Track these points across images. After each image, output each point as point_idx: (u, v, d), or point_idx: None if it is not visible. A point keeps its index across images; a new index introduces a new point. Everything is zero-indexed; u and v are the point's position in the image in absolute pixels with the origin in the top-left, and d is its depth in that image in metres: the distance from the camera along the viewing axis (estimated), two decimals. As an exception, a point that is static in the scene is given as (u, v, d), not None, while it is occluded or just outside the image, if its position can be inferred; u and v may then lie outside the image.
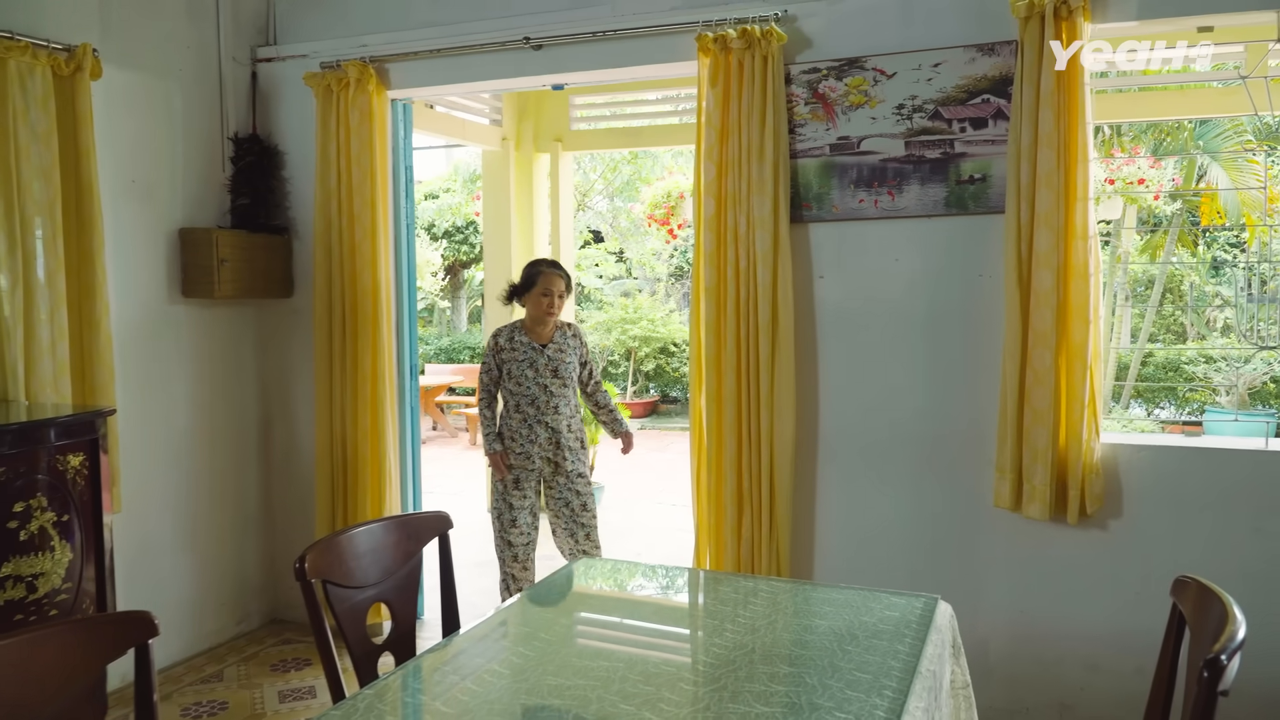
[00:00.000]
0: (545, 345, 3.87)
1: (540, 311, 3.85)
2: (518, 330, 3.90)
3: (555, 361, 3.86)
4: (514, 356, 3.84)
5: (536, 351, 3.85)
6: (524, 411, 3.83)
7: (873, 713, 1.62)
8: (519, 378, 3.82)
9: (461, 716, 1.66)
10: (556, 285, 3.85)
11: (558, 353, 3.88)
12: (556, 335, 3.92)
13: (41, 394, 3.30)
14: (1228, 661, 1.46)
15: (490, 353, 3.89)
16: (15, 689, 1.46)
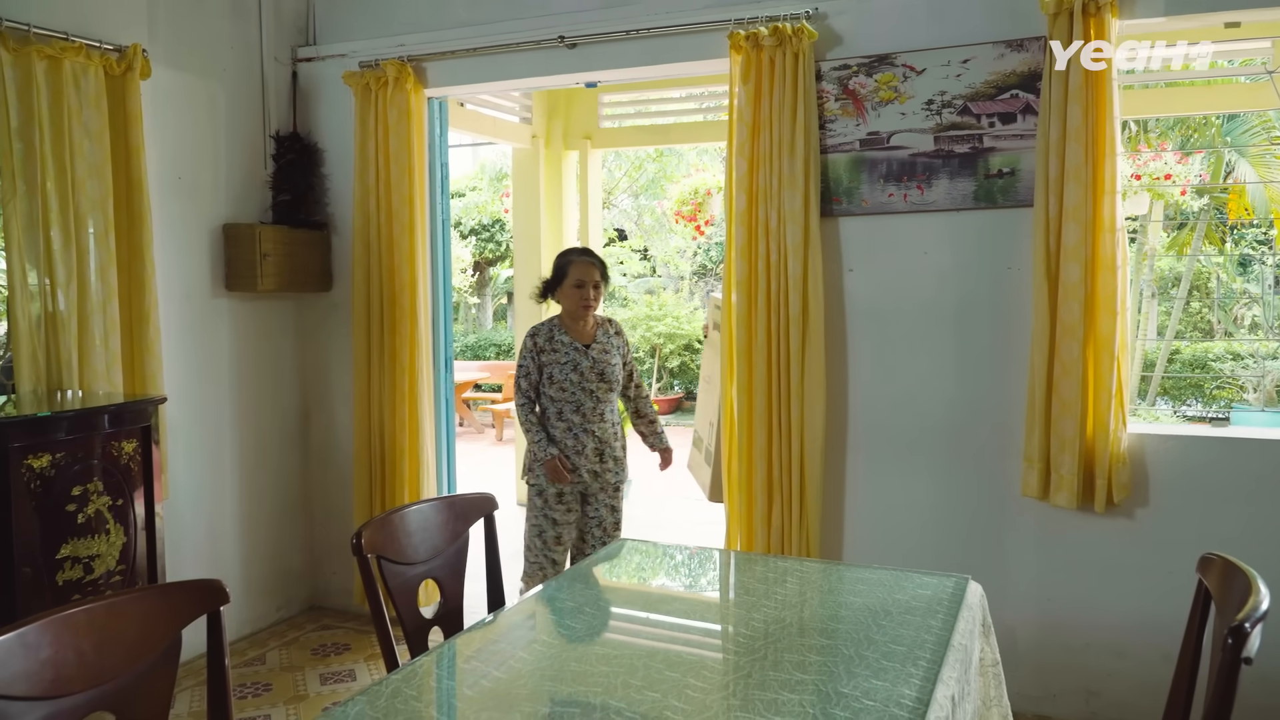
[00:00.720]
0: (589, 345, 3.53)
1: (576, 305, 3.52)
2: (557, 328, 3.54)
3: (600, 363, 3.51)
4: (555, 359, 3.49)
5: (580, 352, 3.50)
6: (568, 419, 3.49)
7: (909, 680, 1.69)
8: (562, 382, 3.48)
9: (496, 694, 1.74)
10: (591, 274, 3.51)
11: (602, 353, 3.54)
12: (599, 333, 3.58)
13: (94, 384, 3.41)
14: (1251, 629, 1.52)
15: (528, 354, 3.53)
16: (99, 652, 1.55)
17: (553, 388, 3.50)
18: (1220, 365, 10.19)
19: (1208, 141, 9.04)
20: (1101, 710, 3.38)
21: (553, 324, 3.57)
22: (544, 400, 3.54)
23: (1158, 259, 10.66)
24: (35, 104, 3.26)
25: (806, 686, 1.67)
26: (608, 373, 3.53)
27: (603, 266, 3.61)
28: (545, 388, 3.52)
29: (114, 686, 1.56)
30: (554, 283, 3.60)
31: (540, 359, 3.52)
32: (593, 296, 3.53)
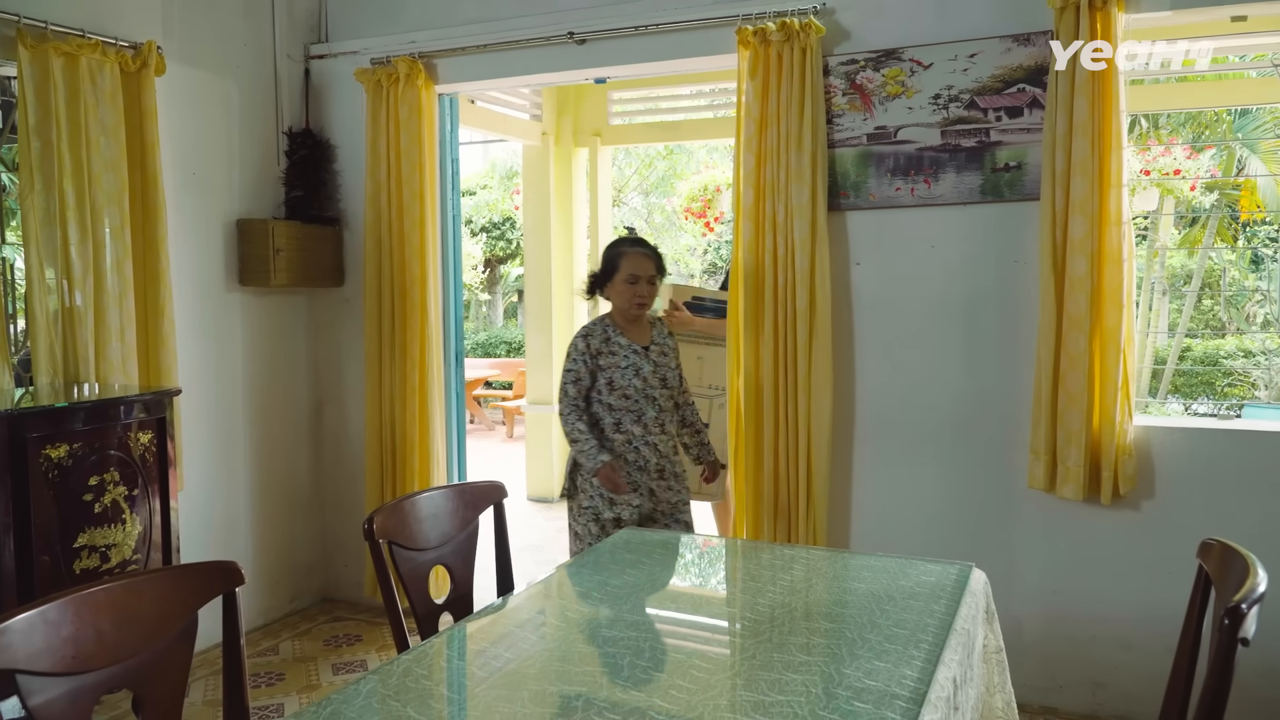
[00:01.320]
0: (647, 347, 3.22)
1: (628, 303, 3.19)
2: (611, 328, 3.21)
3: (662, 367, 3.22)
4: (614, 362, 3.16)
5: (640, 355, 3.19)
6: (628, 431, 3.16)
7: (910, 662, 1.72)
8: (624, 388, 3.15)
9: (506, 674, 1.77)
10: (645, 268, 3.18)
11: (661, 356, 3.25)
12: (654, 334, 3.29)
13: (110, 377, 3.46)
14: (1248, 610, 1.54)
15: (580, 356, 3.17)
16: (117, 630, 1.59)
17: (612, 395, 3.16)
18: (1231, 363, 10.16)
19: (1218, 137, 9.01)
20: (1107, 701, 3.40)
21: (605, 323, 3.24)
22: (597, 409, 3.19)
23: (1169, 256, 10.64)
24: (52, 100, 3.31)
25: (810, 668, 1.70)
26: (670, 378, 3.24)
27: (658, 259, 3.26)
28: (602, 395, 3.17)
29: (133, 665, 1.60)
30: (603, 277, 3.27)
31: (596, 362, 3.16)
32: (647, 293, 3.20)
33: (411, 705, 1.58)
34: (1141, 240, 10.16)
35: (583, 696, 1.62)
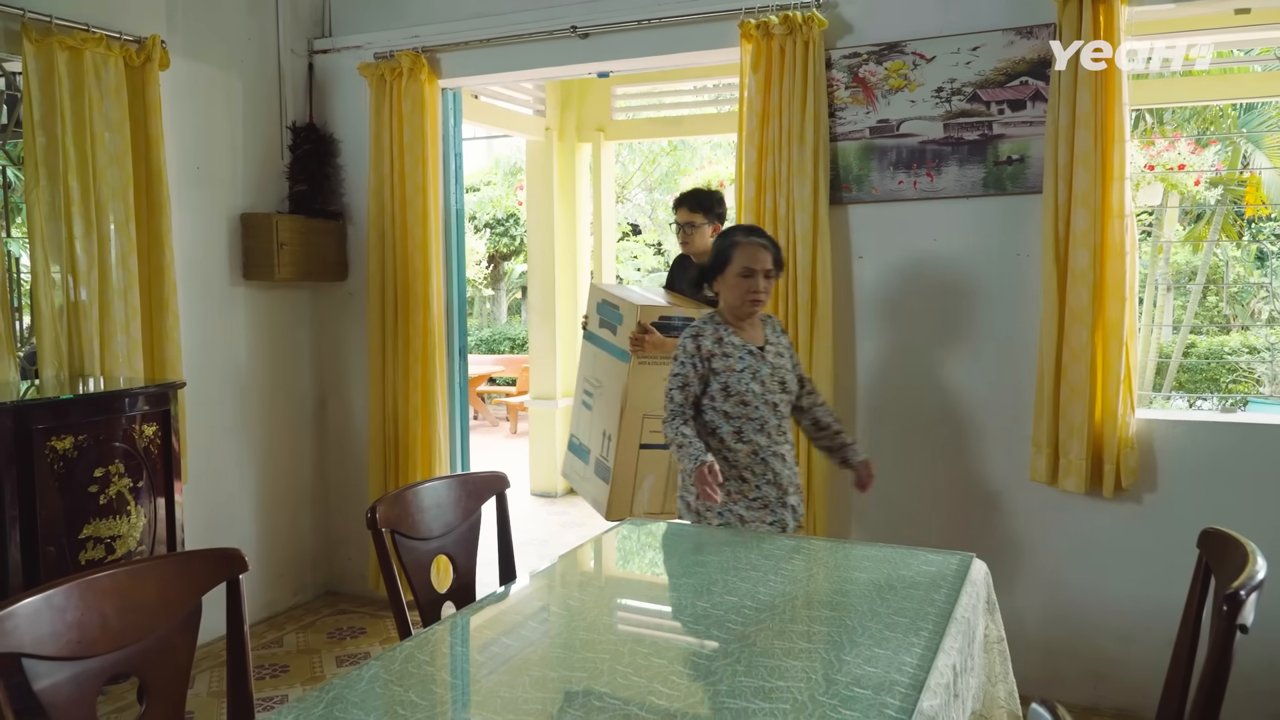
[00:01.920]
0: (763, 348, 2.92)
1: (741, 300, 2.86)
2: (723, 327, 2.91)
3: (779, 370, 2.91)
4: (729, 365, 2.84)
5: (756, 357, 2.88)
6: (752, 441, 2.84)
7: (910, 649, 1.72)
8: (743, 394, 2.82)
9: (507, 660, 1.79)
10: (761, 260, 2.84)
11: (777, 357, 2.94)
12: (768, 333, 2.98)
13: (116, 369, 3.48)
14: (1246, 596, 1.55)
15: (690, 359, 2.85)
16: (122, 615, 1.61)
17: (729, 402, 2.83)
18: (1235, 359, 10.15)
19: (1223, 133, 9.00)
20: (1109, 695, 3.40)
21: (716, 321, 2.93)
22: (712, 418, 2.86)
23: (1174, 252, 10.62)
24: (57, 95, 3.33)
25: (810, 655, 1.70)
26: (789, 381, 2.94)
27: (776, 250, 2.91)
28: (716, 401, 2.85)
29: (137, 650, 1.61)
30: (713, 270, 2.96)
31: (709, 365, 2.84)
32: (763, 289, 2.87)
33: (414, 690, 1.59)
34: (1146, 236, 10.15)
35: (583, 683, 1.63)
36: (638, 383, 3.75)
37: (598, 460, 3.99)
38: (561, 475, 5.06)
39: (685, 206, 3.94)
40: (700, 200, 3.94)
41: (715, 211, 3.93)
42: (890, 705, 1.51)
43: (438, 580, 2.43)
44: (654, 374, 3.74)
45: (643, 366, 3.75)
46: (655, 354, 3.74)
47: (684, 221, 3.94)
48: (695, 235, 3.91)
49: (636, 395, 3.75)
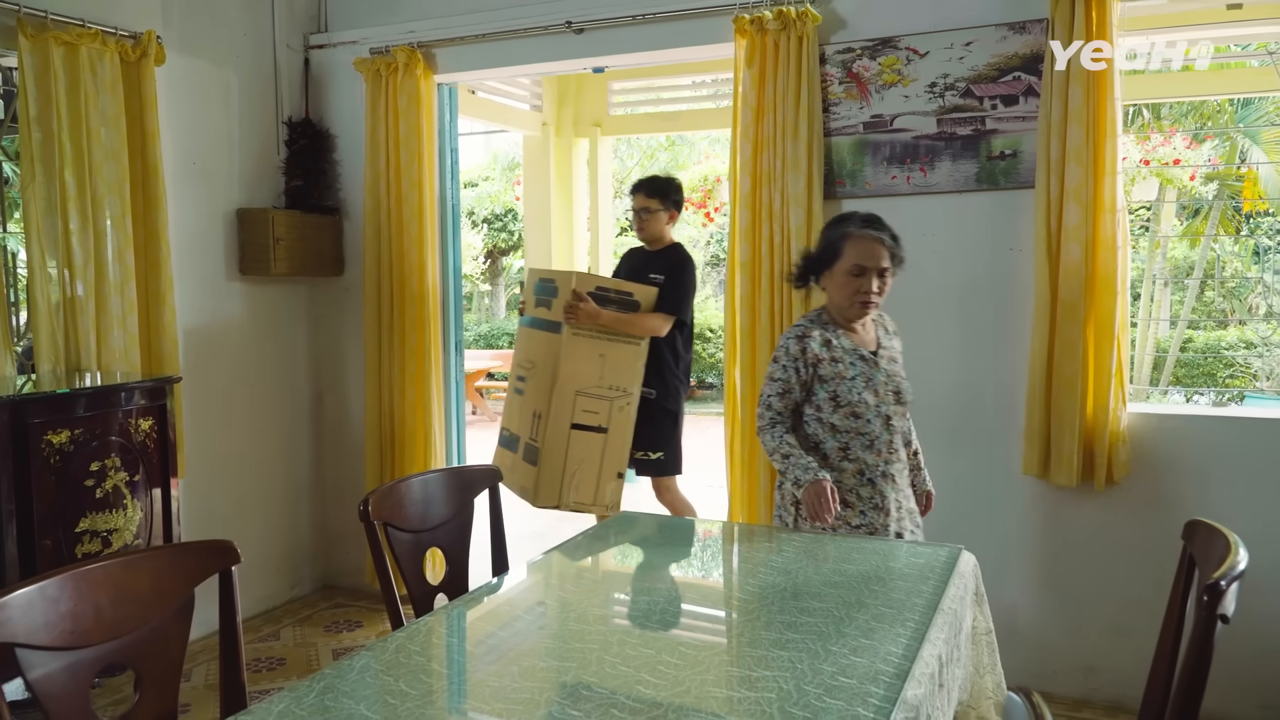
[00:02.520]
0: (875, 353, 2.61)
1: (850, 301, 2.54)
2: (831, 329, 2.59)
3: (894, 378, 2.61)
4: (838, 371, 2.53)
5: (868, 363, 2.57)
6: (860, 460, 2.54)
7: (896, 639, 1.74)
8: (854, 405, 2.51)
9: (498, 651, 1.80)
10: (876, 256, 2.50)
11: (891, 363, 2.64)
12: (880, 335, 2.68)
13: (112, 364, 3.49)
14: (1227, 587, 1.56)
15: (792, 363, 2.54)
16: (115, 606, 1.62)
17: (838, 414, 2.51)
18: (1232, 354, 10.17)
19: (1219, 128, 9.00)
20: (1100, 687, 3.42)
21: (825, 321, 2.61)
22: (815, 430, 2.56)
23: (1170, 247, 10.63)
24: (53, 90, 3.34)
25: (797, 645, 1.72)
26: (904, 391, 2.62)
27: (894, 244, 2.56)
28: (823, 412, 2.54)
29: (130, 640, 1.63)
30: (819, 262, 2.62)
31: (814, 371, 2.52)
32: (876, 289, 2.52)
33: (404, 680, 1.60)
34: (1144, 231, 10.16)
35: (572, 673, 1.65)
36: (571, 354, 3.70)
37: (526, 444, 3.88)
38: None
39: (641, 192, 3.96)
40: (657, 186, 3.96)
41: (672, 198, 3.95)
42: (874, 694, 1.53)
43: (431, 572, 2.44)
44: (587, 348, 3.74)
45: (576, 338, 3.71)
46: (589, 325, 3.69)
47: (639, 207, 3.95)
48: (650, 221, 3.94)
49: (570, 368, 3.70)
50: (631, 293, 3.83)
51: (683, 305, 3.88)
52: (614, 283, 3.86)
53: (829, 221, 2.72)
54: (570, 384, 3.71)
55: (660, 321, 3.82)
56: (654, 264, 3.96)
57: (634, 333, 3.78)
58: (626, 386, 3.83)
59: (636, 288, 3.84)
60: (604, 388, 3.80)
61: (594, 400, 3.76)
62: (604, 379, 3.80)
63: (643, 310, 3.82)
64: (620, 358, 3.80)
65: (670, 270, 3.90)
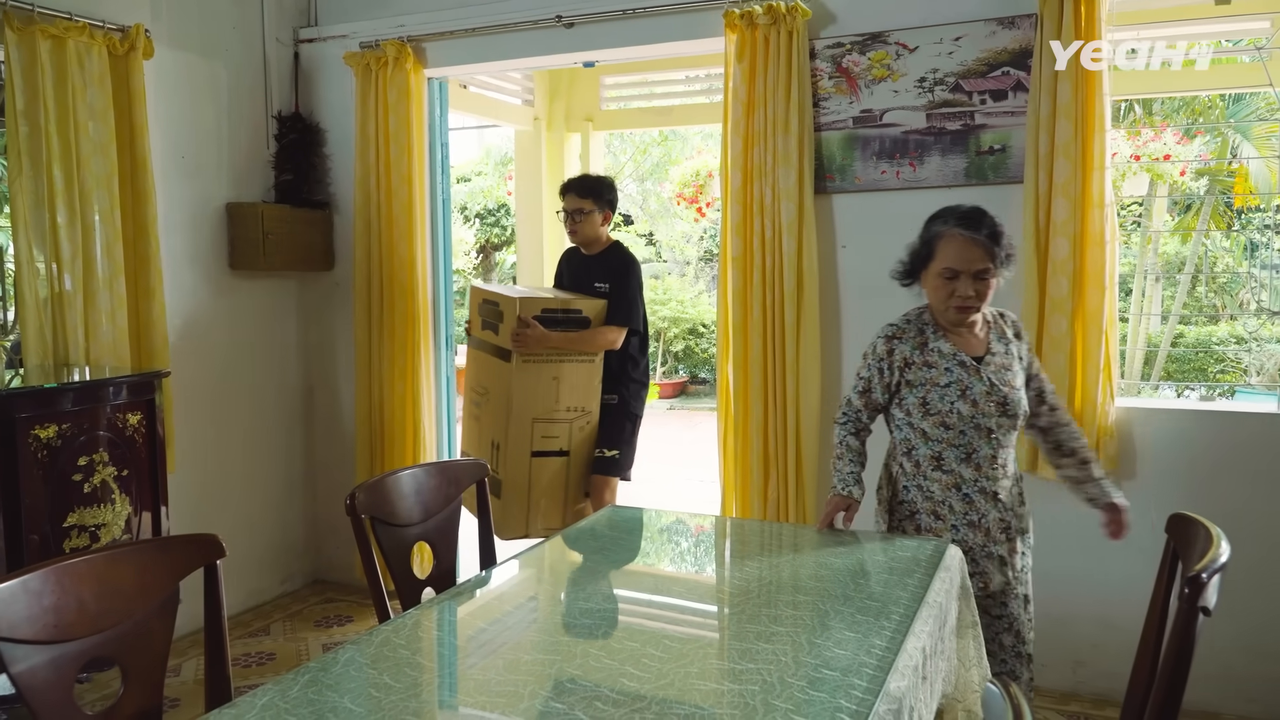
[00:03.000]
0: (981, 359, 2.39)
1: (943, 304, 2.36)
2: (931, 329, 2.42)
3: (1000, 389, 2.35)
4: (930, 377, 2.37)
5: (969, 371, 2.36)
6: (954, 472, 2.38)
7: (880, 632, 1.75)
8: (944, 414, 2.35)
9: (483, 644, 1.81)
10: (972, 259, 2.29)
11: (1001, 372, 2.37)
12: (993, 339, 2.42)
13: (101, 358, 3.48)
14: (1208, 579, 1.57)
15: (877, 364, 2.43)
16: (99, 600, 1.62)
17: (927, 420, 2.36)
18: (1223, 349, 10.20)
19: (1210, 123, 9.02)
20: (1088, 680, 3.44)
21: (924, 321, 2.44)
22: (907, 435, 2.42)
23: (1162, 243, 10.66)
24: (40, 84, 3.32)
25: (781, 638, 1.73)
26: (1013, 402, 2.37)
27: (993, 244, 2.30)
28: (911, 418, 2.40)
29: (114, 634, 1.63)
30: (918, 259, 2.44)
31: (902, 375, 2.39)
32: (975, 293, 2.31)
33: (388, 673, 1.60)
34: (1136, 226, 10.18)
35: (556, 665, 1.65)
36: (523, 383, 3.55)
37: (491, 476, 3.61)
38: None
39: (573, 192, 3.80)
40: (588, 185, 3.81)
41: (606, 198, 3.80)
42: (857, 686, 1.53)
43: (419, 567, 2.44)
44: (539, 373, 3.58)
45: (527, 365, 3.56)
46: (540, 350, 3.54)
47: (571, 209, 3.78)
48: (584, 224, 3.77)
49: (523, 397, 3.56)
50: (580, 309, 3.66)
51: (633, 313, 3.73)
52: (559, 301, 3.66)
53: (930, 215, 2.49)
54: (526, 413, 3.58)
55: (614, 335, 3.68)
56: (596, 270, 3.79)
57: (588, 350, 3.66)
58: (584, 405, 3.70)
59: (584, 302, 3.68)
60: (561, 410, 3.65)
61: (553, 425, 3.65)
62: (560, 401, 3.65)
63: (593, 326, 3.67)
64: (575, 378, 3.66)
65: (615, 276, 3.74)
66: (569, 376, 3.64)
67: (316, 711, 1.45)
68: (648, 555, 2.47)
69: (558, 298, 3.66)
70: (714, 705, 1.49)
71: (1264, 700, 3.25)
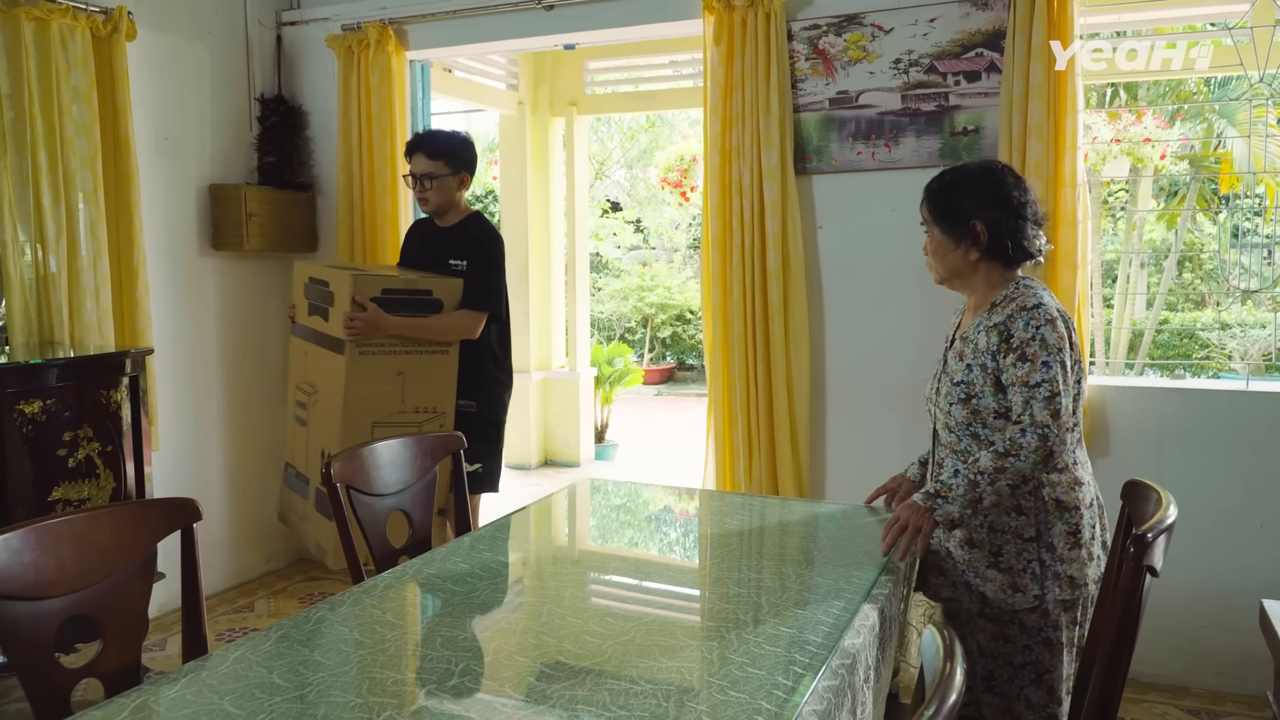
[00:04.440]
0: (953, 341, 2.23)
1: None
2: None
3: (949, 374, 2.15)
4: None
5: (947, 350, 2.24)
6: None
7: (841, 594, 1.80)
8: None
9: (452, 605, 1.86)
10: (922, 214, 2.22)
11: (956, 361, 2.15)
12: (981, 318, 2.13)
13: (86, 337, 3.52)
14: (1153, 539, 1.63)
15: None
16: (79, 559, 1.67)
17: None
18: (1207, 334, 10.28)
19: (1195, 107, 9.08)
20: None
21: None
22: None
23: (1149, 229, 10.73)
24: (24, 66, 3.34)
25: (741, 599, 1.78)
26: (945, 394, 2.17)
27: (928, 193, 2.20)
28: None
29: (92, 593, 1.67)
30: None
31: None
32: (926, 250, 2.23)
33: (359, 630, 1.66)
34: (1123, 211, 10.24)
35: (523, 622, 1.70)
36: (359, 377, 3.02)
37: (319, 491, 3.21)
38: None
39: (421, 152, 3.26)
40: (440, 144, 3.27)
41: (461, 158, 3.30)
42: (812, 642, 1.58)
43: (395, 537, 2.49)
44: (379, 367, 3.06)
45: (364, 357, 3.03)
46: (379, 339, 3.04)
47: (421, 172, 3.25)
48: (437, 189, 3.26)
49: (359, 396, 3.03)
50: (430, 289, 3.16)
51: (493, 296, 3.23)
52: (404, 279, 3.15)
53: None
54: (363, 414, 3.04)
55: (470, 321, 3.17)
56: (451, 244, 3.30)
57: (439, 339, 3.15)
58: (437, 406, 3.15)
59: (435, 282, 3.17)
60: (408, 412, 3.11)
61: (398, 430, 3.00)
62: (407, 402, 3.11)
63: (446, 309, 3.16)
64: (425, 373, 3.13)
65: (473, 252, 3.26)
66: (417, 371, 3.11)
67: (289, 664, 1.50)
68: (614, 529, 2.52)
69: (402, 276, 3.16)
70: (671, 659, 1.54)
71: (1233, 674, 3.32)
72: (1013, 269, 2.13)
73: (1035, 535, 2.04)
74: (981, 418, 2.05)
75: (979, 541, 2.06)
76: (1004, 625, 2.06)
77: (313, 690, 1.41)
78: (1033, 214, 2.11)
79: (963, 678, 1.02)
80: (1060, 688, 2.07)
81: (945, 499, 1.97)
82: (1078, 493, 2.08)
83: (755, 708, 1.34)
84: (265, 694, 1.39)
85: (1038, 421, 1.94)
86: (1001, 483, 1.94)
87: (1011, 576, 2.04)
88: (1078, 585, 2.03)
